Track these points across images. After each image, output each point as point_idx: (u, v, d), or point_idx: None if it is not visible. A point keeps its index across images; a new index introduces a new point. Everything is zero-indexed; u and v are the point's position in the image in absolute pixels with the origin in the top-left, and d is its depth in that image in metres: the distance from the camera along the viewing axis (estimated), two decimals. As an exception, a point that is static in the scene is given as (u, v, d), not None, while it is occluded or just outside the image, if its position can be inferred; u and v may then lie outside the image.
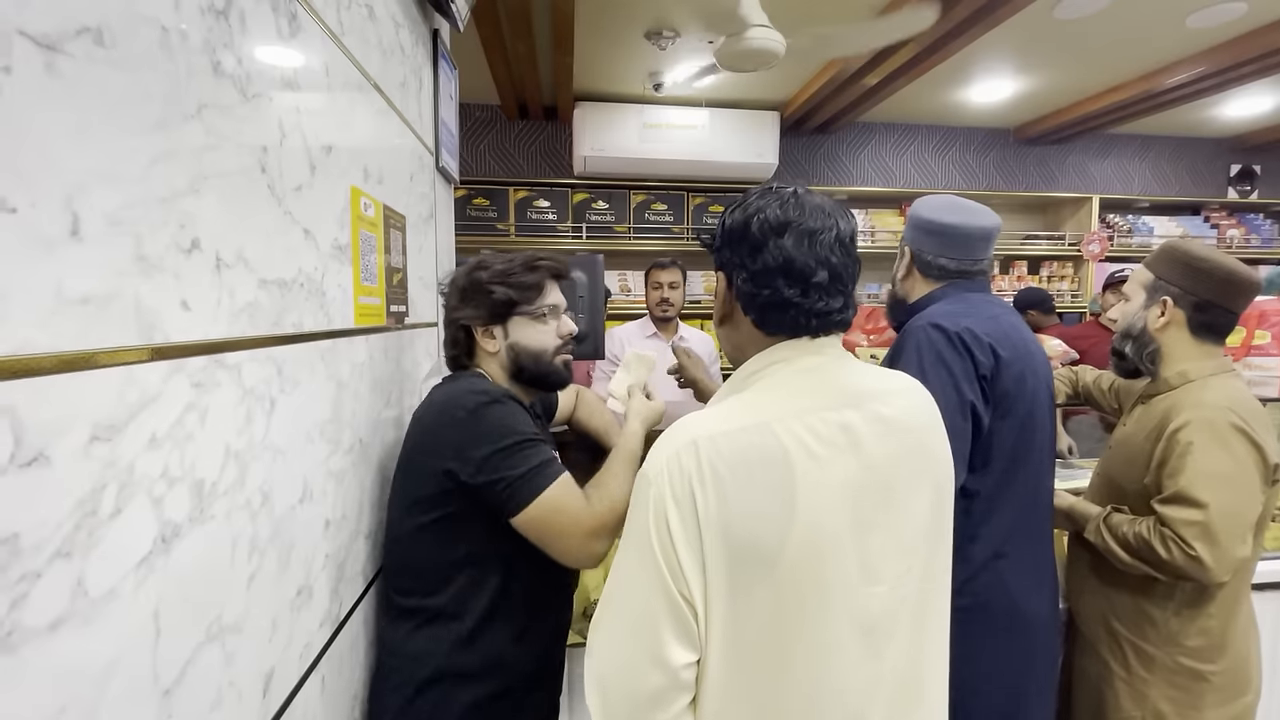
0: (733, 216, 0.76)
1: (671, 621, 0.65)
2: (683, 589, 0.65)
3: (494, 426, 0.96)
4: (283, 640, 0.75)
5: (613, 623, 0.70)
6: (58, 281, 0.43)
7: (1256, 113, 4.01)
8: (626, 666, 0.67)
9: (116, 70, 0.48)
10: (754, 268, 0.73)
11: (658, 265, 2.82)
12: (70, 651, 0.44)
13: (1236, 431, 1.12)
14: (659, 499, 0.66)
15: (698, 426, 0.69)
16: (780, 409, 0.69)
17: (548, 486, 0.94)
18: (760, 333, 0.75)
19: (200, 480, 0.58)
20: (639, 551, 0.67)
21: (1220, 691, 1.16)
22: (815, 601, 0.66)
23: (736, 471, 0.65)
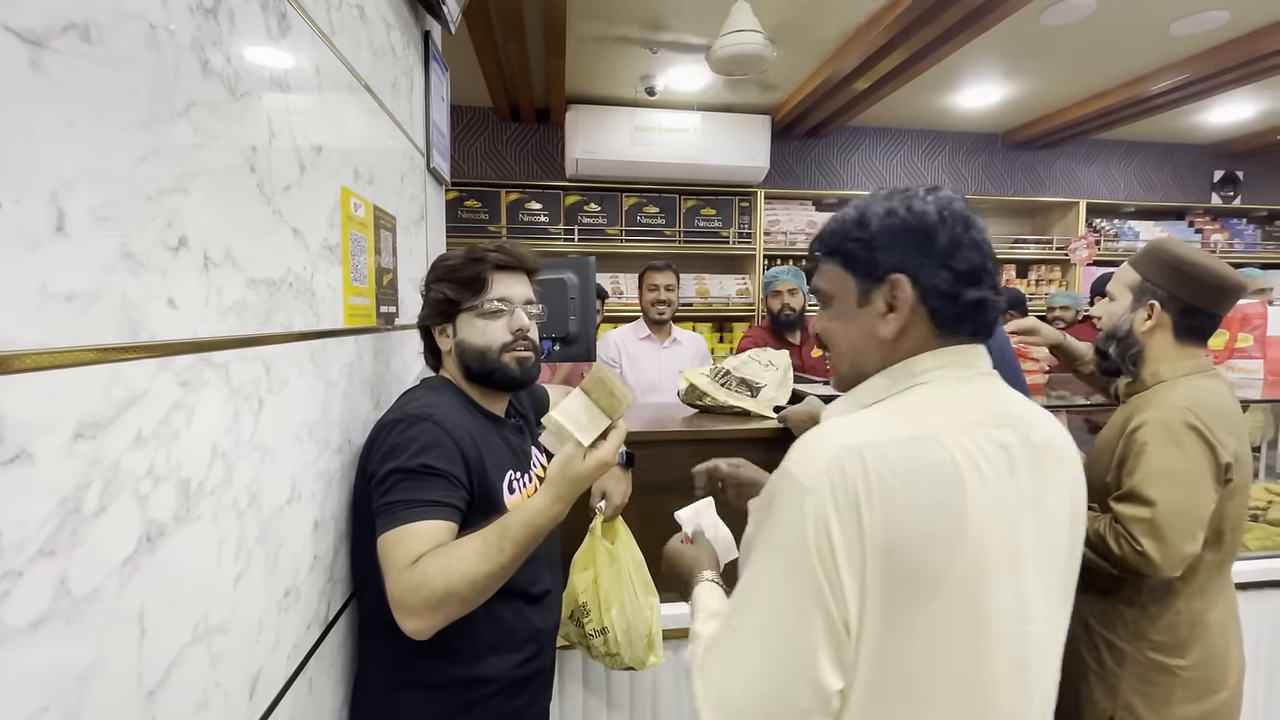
0: (910, 210, 0.69)
1: (827, 643, 0.60)
2: (841, 609, 0.60)
3: (388, 448, 0.91)
4: (270, 641, 0.75)
5: (750, 643, 0.63)
6: (42, 278, 0.43)
7: (1239, 119, 4.08)
8: (768, 693, 0.61)
9: (103, 67, 0.48)
10: (959, 266, 0.68)
11: (653, 268, 2.83)
12: (52, 651, 0.43)
13: (1190, 431, 1.13)
14: (819, 508, 0.60)
15: (856, 433, 0.63)
16: (945, 421, 0.65)
17: (387, 530, 0.85)
18: (934, 335, 0.70)
19: (186, 479, 0.58)
20: (791, 564, 0.61)
21: (1190, 687, 1.17)
22: (975, 632, 0.62)
23: (906, 484, 0.60)
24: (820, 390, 1.95)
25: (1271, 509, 2.03)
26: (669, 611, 1.51)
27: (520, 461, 1.10)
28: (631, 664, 1.34)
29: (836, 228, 0.75)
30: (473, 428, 1.00)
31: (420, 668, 0.96)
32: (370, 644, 1.01)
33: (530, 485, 1.11)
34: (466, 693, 0.98)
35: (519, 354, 1.05)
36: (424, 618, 0.82)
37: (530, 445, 1.18)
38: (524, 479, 1.09)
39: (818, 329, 0.81)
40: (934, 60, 2.99)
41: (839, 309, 0.75)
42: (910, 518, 0.60)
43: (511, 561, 0.84)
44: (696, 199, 3.98)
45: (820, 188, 4.34)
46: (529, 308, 1.09)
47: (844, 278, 0.74)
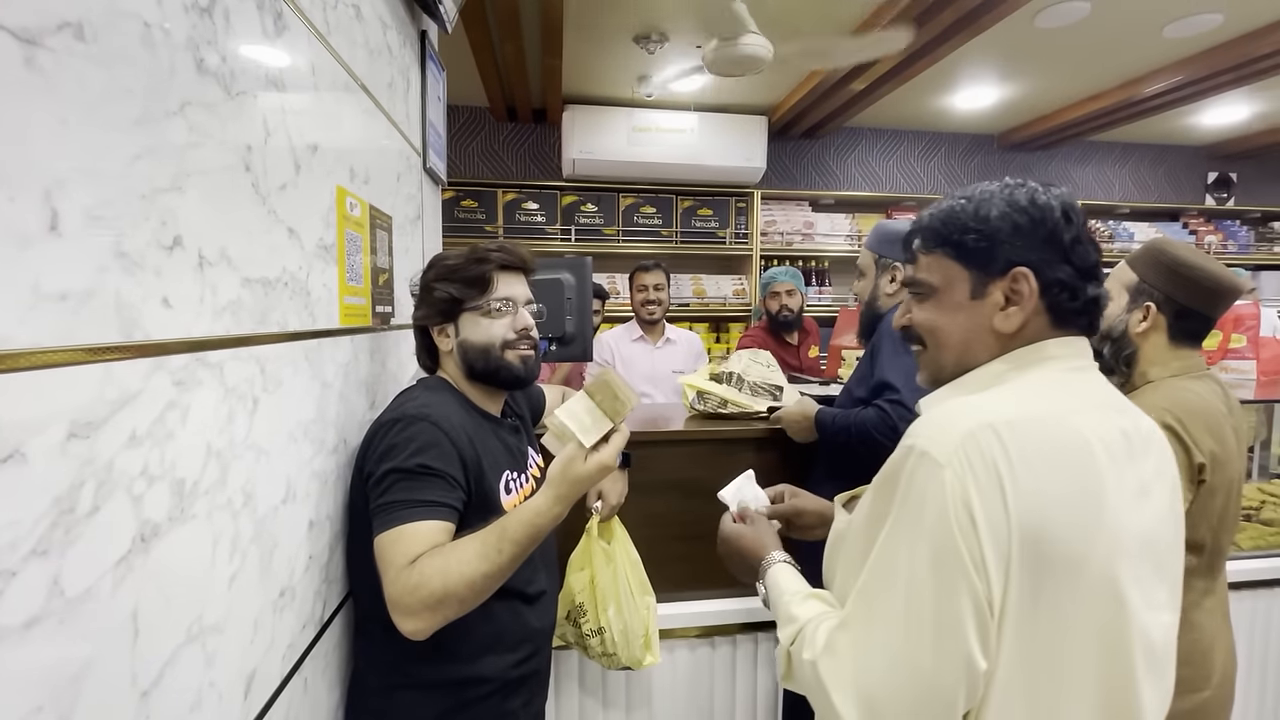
0: (1034, 204, 0.69)
1: (974, 621, 0.58)
2: (985, 587, 0.58)
3: (385, 449, 0.91)
4: (265, 641, 0.74)
5: (891, 624, 0.61)
6: (35, 277, 0.43)
7: (1233, 121, 4.10)
8: (914, 674, 0.59)
9: (97, 66, 0.48)
10: (1080, 263, 0.69)
11: (641, 268, 2.82)
12: (46, 652, 0.43)
13: (1166, 431, 1.14)
14: (958, 484, 0.59)
15: (987, 409, 0.63)
16: (1070, 402, 0.65)
17: (385, 529, 0.85)
18: (1049, 328, 0.70)
19: (181, 479, 0.58)
20: (932, 541, 0.59)
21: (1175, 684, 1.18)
22: (1115, 615, 0.62)
23: (1046, 461, 0.60)
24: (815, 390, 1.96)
25: (1265, 509, 2.05)
26: (666, 611, 1.51)
27: (517, 462, 1.10)
28: (628, 664, 1.34)
29: (947, 218, 0.73)
30: (470, 428, 1.00)
31: (416, 668, 0.96)
32: (366, 644, 1.01)
33: (527, 485, 1.11)
34: (462, 693, 0.98)
35: (521, 352, 1.06)
36: (421, 618, 0.81)
37: (527, 445, 1.18)
38: (521, 479, 1.09)
39: (914, 320, 0.78)
40: (930, 62, 3.00)
41: (946, 301, 0.74)
42: (1053, 495, 0.60)
43: (510, 562, 0.83)
44: (693, 199, 3.98)
45: (817, 188, 4.35)
46: (530, 307, 1.10)
47: (955, 269, 0.73)
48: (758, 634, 1.63)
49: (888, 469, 0.67)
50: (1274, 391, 2.09)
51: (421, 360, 1.14)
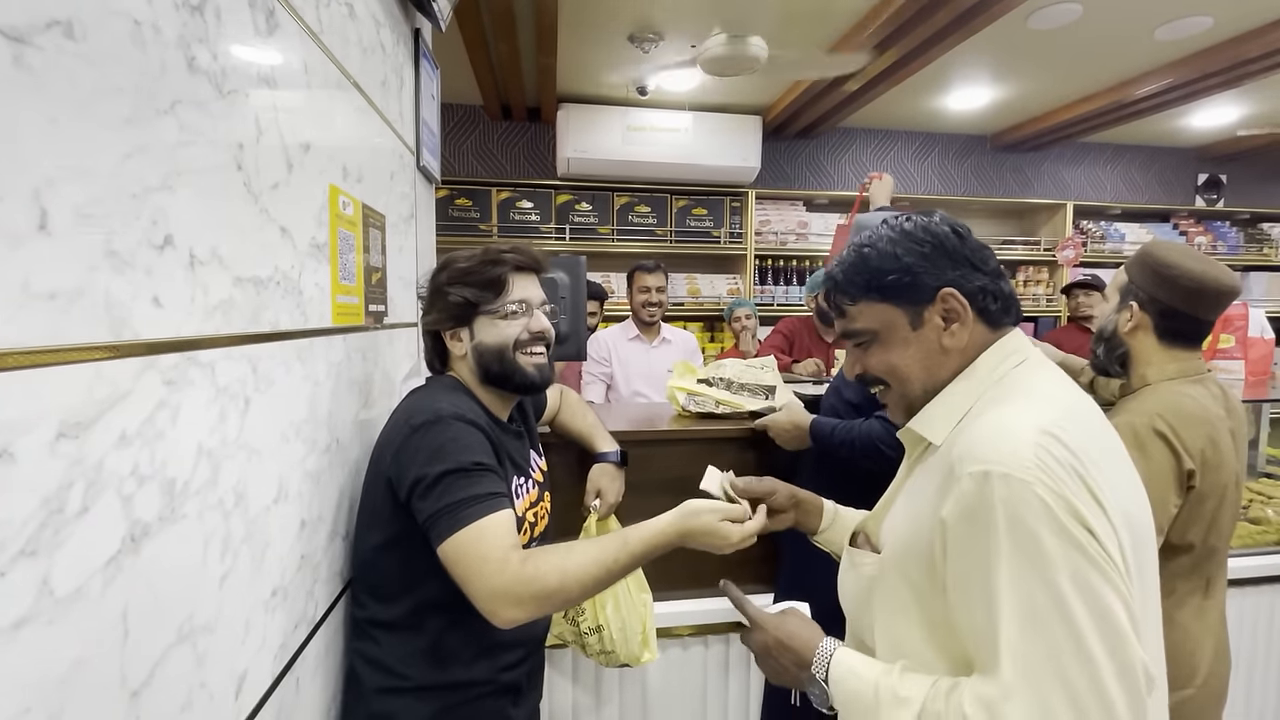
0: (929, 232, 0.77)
1: (1131, 624, 0.57)
2: (1124, 584, 0.58)
3: (431, 450, 0.90)
4: (256, 641, 0.74)
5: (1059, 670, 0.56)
6: (24, 276, 0.42)
7: (1223, 123, 4.13)
8: (1106, 709, 0.56)
9: (87, 64, 0.48)
10: (986, 269, 0.77)
11: (642, 269, 2.80)
12: (34, 652, 0.43)
13: (1156, 437, 1.15)
14: (1054, 492, 0.58)
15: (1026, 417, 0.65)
16: (1072, 395, 0.72)
17: (470, 523, 0.85)
18: (988, 331, 0.77)
19: (171, 479, 0.58)
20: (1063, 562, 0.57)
21: None
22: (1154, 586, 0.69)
23: (1100, 453, 0.66)
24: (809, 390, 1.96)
25: (1252, 507, 2.07)
26: (662, 610, 1.52)
27: (520, 468, 1.09)
28: (626, 661, 1.34)
29: (861, 268, 0.79)
30: (491, 432, 1.01)
31: (413, 670, 0.96)
32: (365, 646, 1.00)
33: (532, 491, 1.10)
34: (457, 694, 0.98)
35: (535, 358, 1.05)
36: (527, 609, 0.83)
37: (529, 450, 1.17)
38: (526, 484, 1.09)
39: (869, 366, 0.81)
40: (923, 63, 3.01)
41: (892, 340, 0.79)
42: (1119, 479, 0.66)
43: (622, 572, 0.86)
44: (688, 199, 3.98)
45: (811, 188, 4.36)
46: (544, 308, 1.08)
47: (887, 310, 0.78)
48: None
49: (964, 505, 0.63)
50: (1262, 391, 2.11)
51: (432, 364, 1.12)
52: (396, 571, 0.98)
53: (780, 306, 4.05)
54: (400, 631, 0.97)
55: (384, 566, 0.98)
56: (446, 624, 0.97)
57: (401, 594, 0.98)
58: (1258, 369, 2.38)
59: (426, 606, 0.97)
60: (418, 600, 0.97)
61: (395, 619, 0.98)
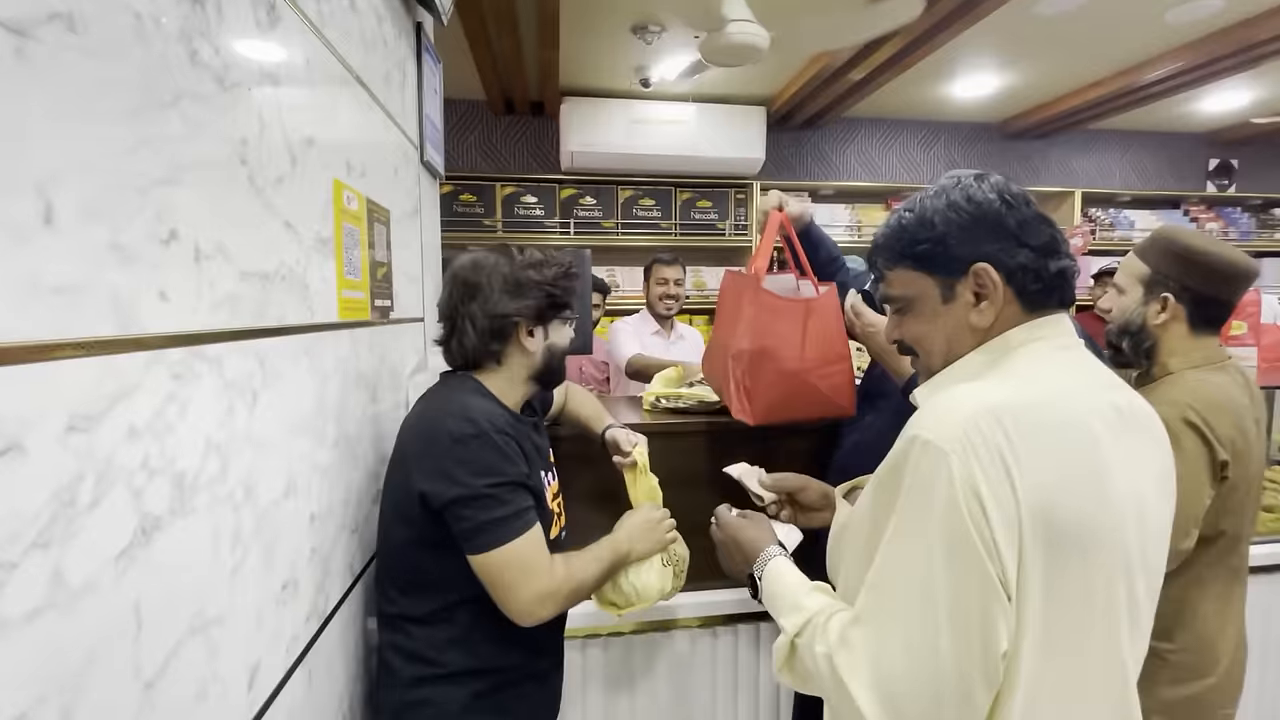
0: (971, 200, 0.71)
1: (992, 606, 0.59)
2: (1000, 572, 0.59)
3: (479, 463, 0.94)
4: (268, 634, 0.75)
5: (908, 614, 0.62)
6: (31, 270, 0.43)
7: (1234, 107, 4.07)
8: (934, 663, 0.60)
9: (89, 58, 0.48)
10: (1034, 242, 0.70)
11: (660, 260, 2.75)
12: (48, 643, 0.44)
13: (1189, 428, 1.13)
14: (965, 471, 0.59)
15: (984, 395, 0.63)
16: (1063, 383, 0.67)
17: (514, 538, 0.94)
18: (1021, 311, 0.71)
19: (181, 472, 0.58)
20: (944, 530, 0.60)
21: (1177, 670, 1.18)
22: (1114, 584, 0.64)
23: (1050, 445, 0.61)
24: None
25: (1265, 495, 2.05)
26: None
27: (545, 460, 1.13)
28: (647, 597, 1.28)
29: (897, 234, 0.76)
30: (518, 436, 1.03)
31: (448, 657, 0.99)
32: (395, 639, 1.02)
33: (554, 483, 1.15)
34: (491, 679, 1.01)
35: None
36: (559, 607, 0.99)
37: (546, 442, 1.20)
38: (549, 476, 1.13)
39: (900, 335, 0.80)
40: (929, 50, 2.98)
41: (923, 310, 0.76)
42: (1057, 475, 0.61)
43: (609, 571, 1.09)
44: (692, 191, 3.96)
45: (816, 179, 4.33)
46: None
47: (921, 279, 0.75)
48: (759, 624, 1.63)
49: (891, 460, 0.67)
50: (1275, 378, 2.08)
51: (476, 353, 1.06)
52: (428, 567, 0.99)
53: (786, 298, 4.03)
54: (432, 624, 1.00)
55: (416, 562, 1.00)
56: (477, 615, 0.99)
57: (431, 589, 1.00)
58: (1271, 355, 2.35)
59: (457, 601, 0.99)
60: (448, 595, 0.99)
61: (426, 613, 1.00)
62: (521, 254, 1.07)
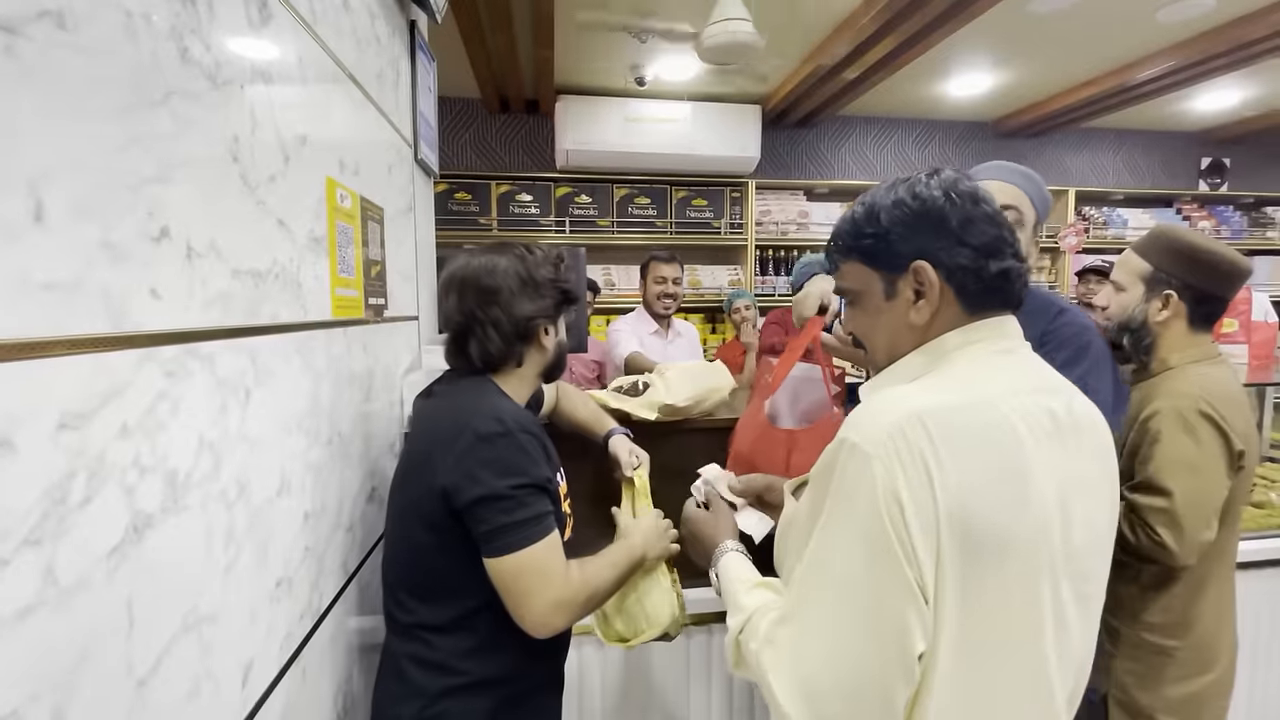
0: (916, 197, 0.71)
1: (908, 609, 0.60)
2: (917, 575, 0.60)
3: (503, 463, 0.92)
4: (262, 631, 0.75)
5: (828, 614, 0.63)
6: (22, 268, 0.43)
7: (1225, 106, 4.10)
8: (852, 663, 0.61)
9: (79, 55, 0.48)
10: (975, 241, 0.69)
11: (657, 258, 2.73)
12: (40, 640, 0.44)
13: (1204, 419, 1.14)
14: (886, 475, 0.60)
15: (913, 399, 0.64)
16: (995, 387, 0.66)
17: (533, 543, 0.91)
18: (963, 314, 0.71)
19: (173, 470, 0.58)
20: (864, 532, 0.61)
21: (1182, 666, 1.19)
22: (1035, 589, 0.63)
23: (972, 450, 0.61)
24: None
25: (1255, 491, 2.06)
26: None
27: (555, 461, 1.09)
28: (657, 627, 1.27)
29: (848, 227, 0.76)
30: (540, 436, 1.01)
31: (471, 665, 0.95)
32: (413, 649, 0.97)
33: (564, 483, 1.12)
34: (514, 686, 0.99)
35: None
36: (575, 615, 0.96)
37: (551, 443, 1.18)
38: (560, 477, 1.10)
39: (850, 327, 0.81)
40: (922, 49, 2.99)
41: (868, 305, 0.76)
42: (978, 481, 0.61)
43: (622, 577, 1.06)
44: (688, 190, 3.97)
45: (811, 177, 4.34)
46: None
47: (867, 274, 0.75)
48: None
49: (823, 461, 0.68)
50: (1266, 375, 2.10)
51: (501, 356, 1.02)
52: (451, 571, 0.95)
53: (781, 296, 4.03)
54: (454, 632, 0.96)
55: (438, 566, 0.96)
56: (499, 621, 0.95)
57: (453, 595, 0.96)
58: (1261, 353, 2.37)
59: (479, 607, 0.96)
60: (471, 600, 0.95)
61: (447, 621, 0.96)
62: (530, 253, 1.06)
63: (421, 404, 1.07)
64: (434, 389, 1.08)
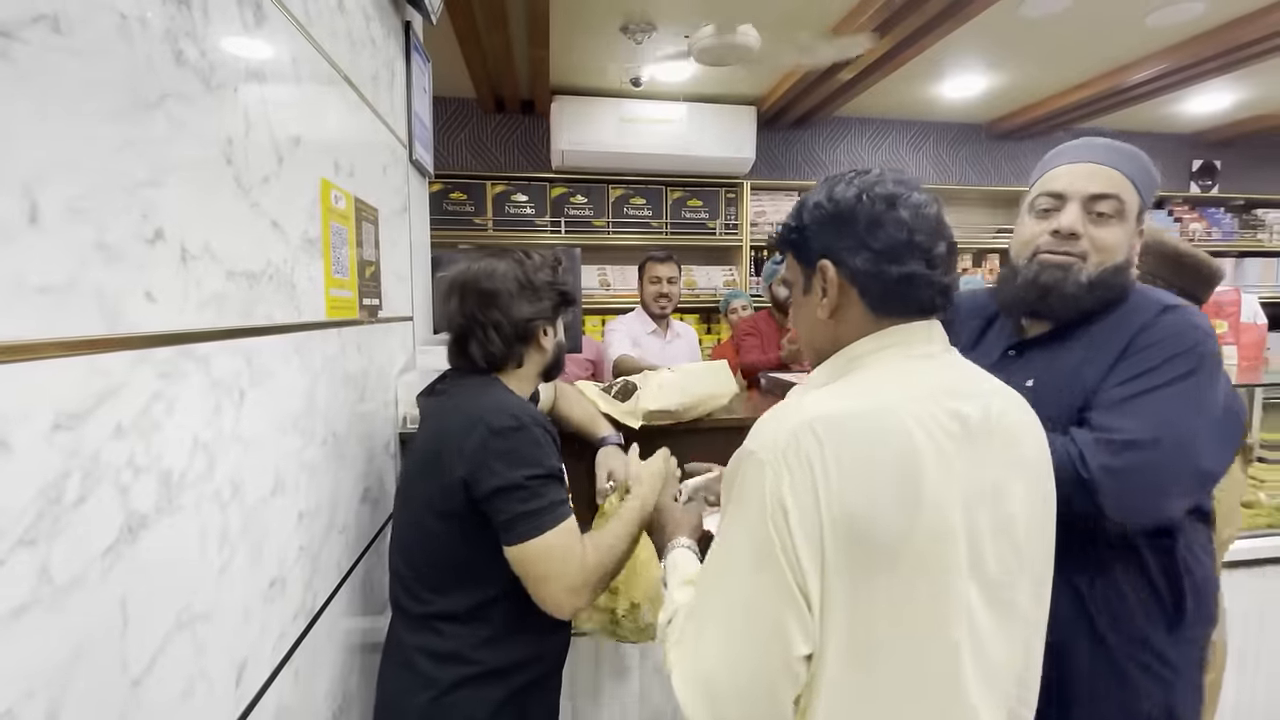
0: (832, 199, 0.71)
1: (790, 613, 0.61)
2: (799, 580, 0.61)
3: (518, 455, 0.95)
4: (255, 631, 0.75)
5: (718, 614, 0.65)
6: (17, 269, 0.43)
7: (1216, 109, 4.13)
8: (738, 662, 0.63)
9: (74, 58, 0.48)
10: (877, 245, 0.68)
11: (654, 258, 2.74)
12: (35, 639, 0.44)
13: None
14: (775, 483, 0.62)
15: (813, 407, 0.64)
16: (900, 394, 0.66)
17: (551, 529, 0.95)
18: (871, 317, 0.71)
19: (168, 470, 0.58)
20: (752, 538, 0.63)
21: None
22: (937, 598, 0.63)
23: (862, 456, 0.62)
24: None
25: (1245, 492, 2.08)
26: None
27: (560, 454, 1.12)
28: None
29: (783, 222, 0.78)
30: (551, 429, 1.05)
31: (485, 655, 0.99)
32: (425, 640, 1.00)
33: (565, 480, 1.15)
34: (525, 674, 1.02)
35: None
36: (594, 594, 0.99)
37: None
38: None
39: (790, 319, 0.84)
40: (917, 51, 3.01)
41: (795, 298, 0.80)
42: (867, 487, 0.61)
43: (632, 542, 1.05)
44: (683, 190, 3.97)
45: (806, 178, 4.35)
46: None
47: (795, 268, 0.78)
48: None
49: (729, 465, 0.70)
50: (1255, 376, 2.12)
51: (502, 356, 1.06)
52: (469, 560, 0.99)
53: (776, 297, 4.05)
54: (468, 623, 0.99)
55: (456, 557, 0.99)
56: (512, 610, 1.00)
57: (470, 585, 1.00)
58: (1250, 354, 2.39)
59: (495, 596, 1.00)
60: (488, 589, 1.00)
61: (461, 611, 0.99)
62: (529, 258, 1.10)
63: (426, 402, 1.11)
64: (437, 387, 1.11)
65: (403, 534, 1.05)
